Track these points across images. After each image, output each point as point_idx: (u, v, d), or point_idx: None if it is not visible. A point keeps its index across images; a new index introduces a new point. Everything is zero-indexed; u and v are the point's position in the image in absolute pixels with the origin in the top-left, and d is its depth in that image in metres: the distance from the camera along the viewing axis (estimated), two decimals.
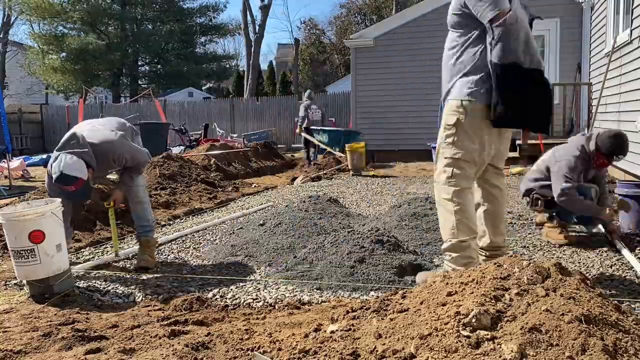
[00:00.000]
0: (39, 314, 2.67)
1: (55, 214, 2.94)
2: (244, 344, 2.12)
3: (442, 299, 1.84)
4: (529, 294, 1.74)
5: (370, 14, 35.66)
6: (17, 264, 2.90)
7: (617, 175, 7.05)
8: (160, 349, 2.10)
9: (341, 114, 17.83)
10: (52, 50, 27.33)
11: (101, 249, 4.25)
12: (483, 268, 1.97)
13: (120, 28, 28.75)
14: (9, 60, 31.86)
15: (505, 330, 1.58)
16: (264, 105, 19.36)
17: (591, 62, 9.61)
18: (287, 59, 40.74)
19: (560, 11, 10.52)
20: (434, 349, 1.57)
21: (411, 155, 11.51)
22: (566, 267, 1.97)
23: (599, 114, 7.90)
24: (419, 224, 4.32)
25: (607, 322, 1.60)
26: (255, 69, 27.43)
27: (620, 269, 3.25)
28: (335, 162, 10.57)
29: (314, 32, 38.18)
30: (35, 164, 13.91)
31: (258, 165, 10.14)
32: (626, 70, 6.50)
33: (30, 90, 30.15)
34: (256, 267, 3.53)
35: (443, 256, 3.00)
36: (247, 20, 28.53)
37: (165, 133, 13.57)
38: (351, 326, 1.93)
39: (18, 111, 19.85)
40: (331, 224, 4.40)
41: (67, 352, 2.15)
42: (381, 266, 3.21)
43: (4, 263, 3.74)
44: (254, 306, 2.83)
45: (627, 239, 3.79)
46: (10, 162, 9.18)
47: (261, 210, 5.78)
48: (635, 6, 6.07)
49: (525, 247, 3.86)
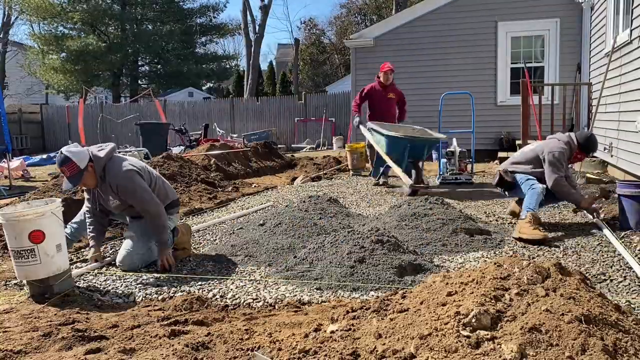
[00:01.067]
0: (39, 314, 2.67)
1: (55, 214, 2.94)
2: (244, 344, 2.12)
3: (442, 299, 1.84)
4: (529, 294, 1.74)
5: (370, 14, 35.66)
6: (17, 264, 2.90)
7: (617, 175, 7.05)
8: (160, 349, 2.10)
9: (341, 114, 17.83)
10: (52, 51, 27.31)
11: (101, 249, 4.24)
12: (483, 268, 1.97)
13: (121, 28, 28.73)
14: (9, 60, 31.86)
15: (505, 330, 1.58)
16: (264, 105, 19.36)
17: (591, 62, 9.61)
18: (287, 59, 40.73)
19: (560, 11, 10.53)
20: (434, 349, 1.57)
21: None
22: (566, 267, 1.97)
23: (599, 114, 7.90)
24: (419, 224, 4.31)
25: (607, 322, 1.60)
26: (255, 69, 27.43)
27: (620, 269, 3.25)
28: (335, 162, 10.57)
29: (314, 32, 38.17)
30: (35, 164, 13.93)
31: (258, 165, 10.14)
32: (626, 70, 6.50)
33: (30, 90, 30.15)
34: (256, 267, 3.53)
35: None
36: (247, 20, 28.53)
37: (165, 133, 13.58)
38: (351, 326, 1.93)
39: (18, 111, 19.85)
40: (331, 224, 4.41)
41: (67, 352, 2.15)
42: (381, 266, 3.21)
43: (4, 263, 3.74)
44: (254, 306, 2.83)
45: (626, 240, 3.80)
46: (10, 162, 9.18)
47: (261, 210, 5.78)
48: (635, 6, 6.07)
49: (525, 247, 3.86)
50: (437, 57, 11.31)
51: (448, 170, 7.70)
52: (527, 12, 10.70)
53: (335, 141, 16.49)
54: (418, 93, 11.45)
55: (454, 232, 4.09)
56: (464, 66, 11.12)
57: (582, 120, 10.10)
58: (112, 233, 4.67)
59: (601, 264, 3.37)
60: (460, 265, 3.49)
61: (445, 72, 11.20)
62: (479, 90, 10.59)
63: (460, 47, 11.15)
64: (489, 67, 11.12)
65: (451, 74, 11.13)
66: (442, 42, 11.27)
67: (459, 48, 11.15)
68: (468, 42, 11.10)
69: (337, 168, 10.14)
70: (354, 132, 12.20)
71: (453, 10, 11.15)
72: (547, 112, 9.14)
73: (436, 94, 9.76)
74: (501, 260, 2.00)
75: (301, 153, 14.92)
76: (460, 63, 11.15)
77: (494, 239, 4.07)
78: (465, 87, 10.30)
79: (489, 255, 3.65)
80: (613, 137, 7.06)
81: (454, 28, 11.15)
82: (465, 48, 11.13)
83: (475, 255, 3.68)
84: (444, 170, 7.76)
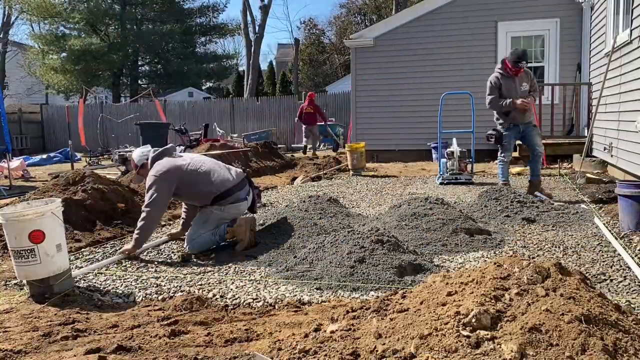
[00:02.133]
0: (39, 314, 2.67)
1: (55, 214, 2.94)
2: (244, 344, 2.12)
3: (442, 299, 1.84)
4: (529, 294, 1.74)
5: (370, 14, 35.65)
6: (17, 264, 2.90)
7: (617, 175, 7.04)
8: (161, 348, 2.10)
9: (341, 114, 17.83)
10: (52, 51, 27.31)
11: (101, 249, 4.25)
12: (483, 268, 1.97)
13: (121, 28, 28.73)
14: (9, 60, 31.87)
15: (505, 330, 1.58)
16: (264, 105, 19.36)
17: (591, 62, 9.61)
18: (287, 59, 40.71)
19: (560, 11, 10.52)
20: (434, 349, 1.57)
21: (411, 155, 11.52)
22: (566, 267, 1.97)
23: (599, 114, 7.90)
24: (419, 224, 4.31)
25: (607, 322, 1.60)
26: (255, 69, 27.43)
27: (620, 269, 3.25)
28: (335, 162, 10.57)
29: (313, 32, 38.16)
30: (35, 164, 13.92)
31: (258, 165, 10.13)
32: (626, 70, 6.50)
33: (30, 90, 30.16)
34: (256, 267, 3.53)
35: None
36: (247, 20, 28.54)
37: (165, 133, 13.55)
38: (351, 326, 1.93)
39: (18, 111, 19.85)
40: (331, 224, 4.41)
41: (67, 352, 2.15)
42: (381, 266, 3.21)
43: (4, 263, 3.74)
44: (254, 306, 2.83)
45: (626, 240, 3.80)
46: (10, 162, 9.18)
47: (261, 209, 5.78)
48: (635, 6, 6.07)
49: (525, 247, 3.86)
50: (437, 57, 11.31)
51: (448, 170, 7.70)
52: (527, 12, 10.70)
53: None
54: (418, 93, 11.46)
55: (454, 232, 4.09)
56: (464, 66, 11.12)
57: (582, 120, 10.10)
58: (112, 233, 4.67)
59: (601, 264, 3.37)
60: (460, 265, 3.49)
61: (445, 72, 11.19)
62: (479, 90, 10.56)
63: (460, 47, 11.15)
64: (489, 67, 11.08)
65: (451, 74, 11.13)
66: (442, 42, 11.26)
67: (459, 48, 11.15)
68: (468, 42, 11.10)
69: (337, 168, 10.14)
70: (354, 132, 12.22)
71: (453, 10, 11.15)
72: (547, 112, 9.15)
73: (436, 93, 9.75)
74: (501, 260, 2.00)
75: (301, 153, 14.91)
76: (460, 63, 11.15)
77: (494, 239, 4.06)
78: (465, 87, 10.29)
79: (489, 255, 3.65)
80: (613, 137, 7.06)
81: (454, 28, 11.15)
82: (465, 48, 11.12)
83: (475, 255, 3.68)
84: (444, 170, 7.76)
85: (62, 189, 4.94)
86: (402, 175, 9.15)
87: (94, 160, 13.16)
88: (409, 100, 11.59)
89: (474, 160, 8.23)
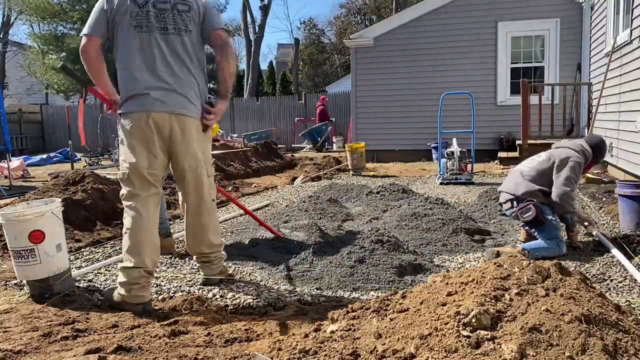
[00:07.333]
0: (39, 314, 2.67)
1: (55, 214, 2.94)
2: (244, 344, 2.12)
3: (442, 299, 1.84)
4: (529, 294, 1.74)
5: (370, 14, 35.63)
6: (17, 264, 2.90)
7: (617, 175, 7.04)
8: (161, 348, 2.10)
9: (341, 114, 17.82)
10: (52, 51, 27.28)
11: (101, 249, 4.24)
12: (483, 268, 1.97)
13: None
14: (9, 60, 31.83)
15: (505, 330, 1.58)
16: (264, 105, 19.35)
17: (591, 62, 9.61)
18: (287, 59, 40.69)
19: (560, 11, 10.53)
20: (434, 349, 1.57)
21: (411, 155, 11.52)
22: (566, 267, 1.97)
23: (599, 114, 7.90)
24: (419, 224, 4.32)
25: (607, 322, 1.60)
26: (255, 69, 27.43)
27: (620, 269, 3.25)
28: (335, 162, 10.57)
29: (313, 32, 38.14)
30: (35, 164, 13.91)
31: (258, 165, 10.13)
32: (626, 70, 6.50)
33: (30, 90, 30.12)
34: (256, 267, 3.53)
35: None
36: (247, 21, 28.54)
37: None
38: (351, 326, 1.93)
39: (18, 111, 19.84)
40: (331, 224, 4.40)
41: (67, 352, 2.14)
42: (381, 266, 3.21)
43: (4, 263, 3.74)
44: (254, 306, 2.83)
45: (626, 240, 3.79)
46: (10, 162, 9.17)
47: (261, 210, 5.78)
48: (635, 6, 6.07)
49: None
50: (437, 57, 11.31)
51: (448, 170, 7.70)
52: (527, 12, 10.70)
53: (335, 141, 16.49)
54: (418, 93, 11.46)
55: (454, 232, 4.09)
56: (464, 66, 11.13)
57: (582, 120, 10.10)
58: (112, 233, 4.67)
59: (601, 264, 3.37)
60: (460, 265, 3.49)
61: (445, 72, 11.20)
62: (479, 90, 10.60)
63: (460, 47, 11.15)
64: (489, 67, 11.12)
65: (451, 74, 11.13)
66: (442, 42, 11.27)
67: (459, 48, 11.16)
68: (468, 42, 11.11)
69: (337, 168, 10.14)
70: (354, 132, 12.22)
71: (453, 10, 11.15)
72: (547, 112, 9.15)
73: (436, 94, 9.76)
74: (501, 260, 2.00)
75: (301, 153, 14.92)
76: (460, 63, 11.16)
77: (494, 239, 4.06)
78: (465, 87, 10.30)
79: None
80: (613, 137, 7.06)
81: (454, 28, 11.15)
82: (465, 48, 11.13)
83: (475, 255, 3.68)
84: (444, 170, 7.76)
85: (62, 189, 4.94)
86: (402, 175, 9.15)
87: (94, 160, 13.15)
88: (409, 100, 11.59)
89: (474, 160, 8.24)
